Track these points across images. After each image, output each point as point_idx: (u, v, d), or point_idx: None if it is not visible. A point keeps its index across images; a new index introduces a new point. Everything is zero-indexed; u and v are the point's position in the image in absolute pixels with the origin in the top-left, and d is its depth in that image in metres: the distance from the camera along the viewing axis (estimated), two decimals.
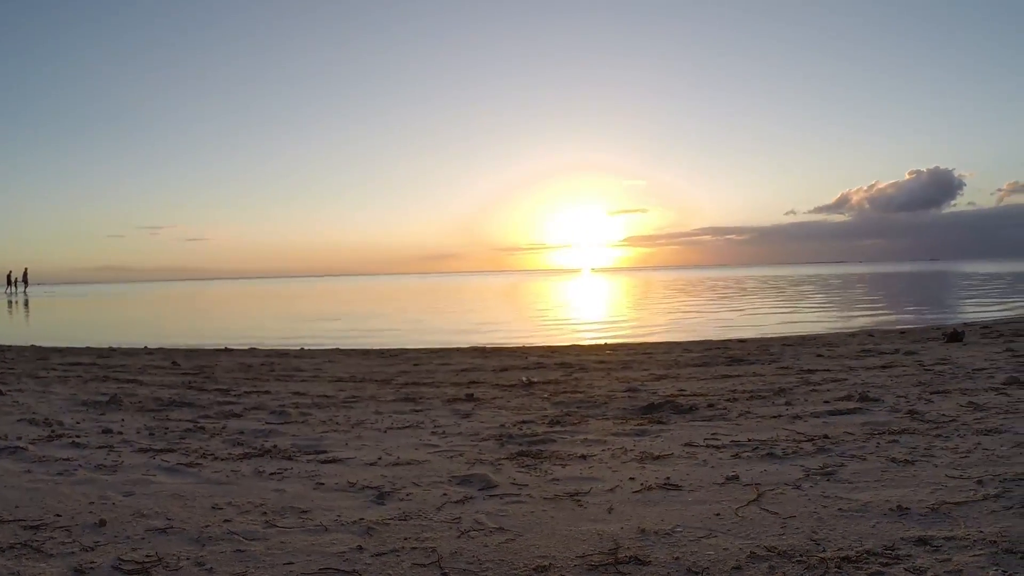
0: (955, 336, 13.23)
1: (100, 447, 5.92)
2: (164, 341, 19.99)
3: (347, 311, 40.18)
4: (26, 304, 55.45)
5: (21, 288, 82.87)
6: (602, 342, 17.52)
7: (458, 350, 15.59)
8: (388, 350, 15.88)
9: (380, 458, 5.47)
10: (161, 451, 5.80)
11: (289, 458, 5.56)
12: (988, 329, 15.64)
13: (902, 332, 16.58)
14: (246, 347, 17.27)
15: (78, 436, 6.31)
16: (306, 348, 16.80)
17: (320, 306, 47.44)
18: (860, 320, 23.76)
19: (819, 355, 11.98)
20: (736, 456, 5.19)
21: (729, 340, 16.29)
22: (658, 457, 5.24)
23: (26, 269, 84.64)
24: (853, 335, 16.62)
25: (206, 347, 17.53)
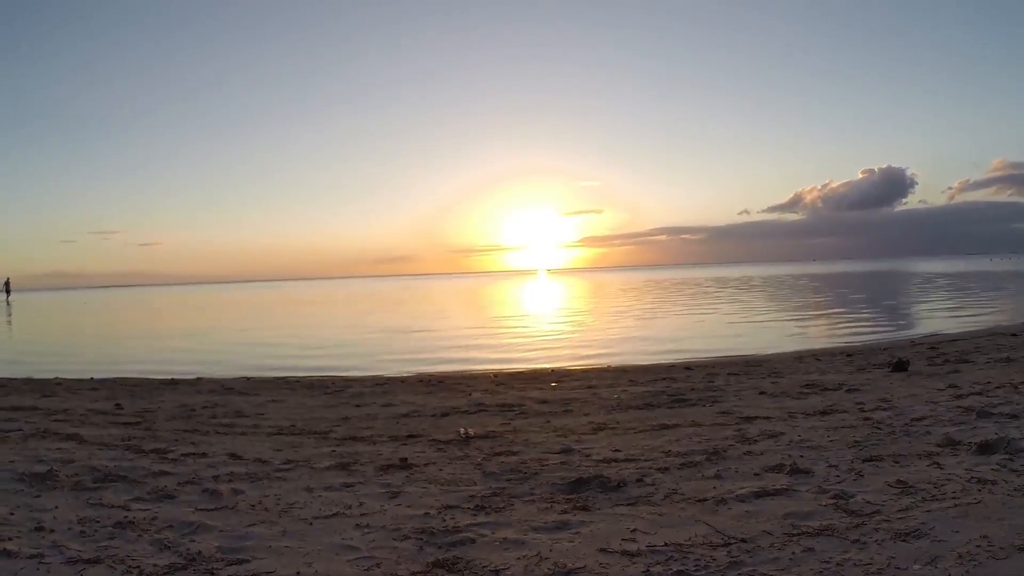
0: (900, 366, 13.41)
1: (31, 556, 5.79)
2: (111, 368, 19.88)
3: (300, 323, 40.14)
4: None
5: (2, 297, 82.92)
6: (549, 366, 17.63)
7: (403, 382, 15.61)
8: (334, 382, 15.87)
9: (298, 572, 5.45)
10: (89, 562, 5.70)
11: (210, 572, 5.52)
12: (935, 353, 15.87)
13: (849, 356, 16.80)
14: (192, 377, 17.18)
15: (10, 539, 6.16)
16: (251, 378, 16.75)
17: (272, 318, 47.32)
18: (810, 331, 24.10)
19: (762, 392, 12.09)
20: (647, 572, 5.21)
21: (675, 366, 16.43)
22: (569, 572, 5.26)
23: (8, 279, 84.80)
24: (800, 359, 16.82)
25: (153, 377, 17.42)
